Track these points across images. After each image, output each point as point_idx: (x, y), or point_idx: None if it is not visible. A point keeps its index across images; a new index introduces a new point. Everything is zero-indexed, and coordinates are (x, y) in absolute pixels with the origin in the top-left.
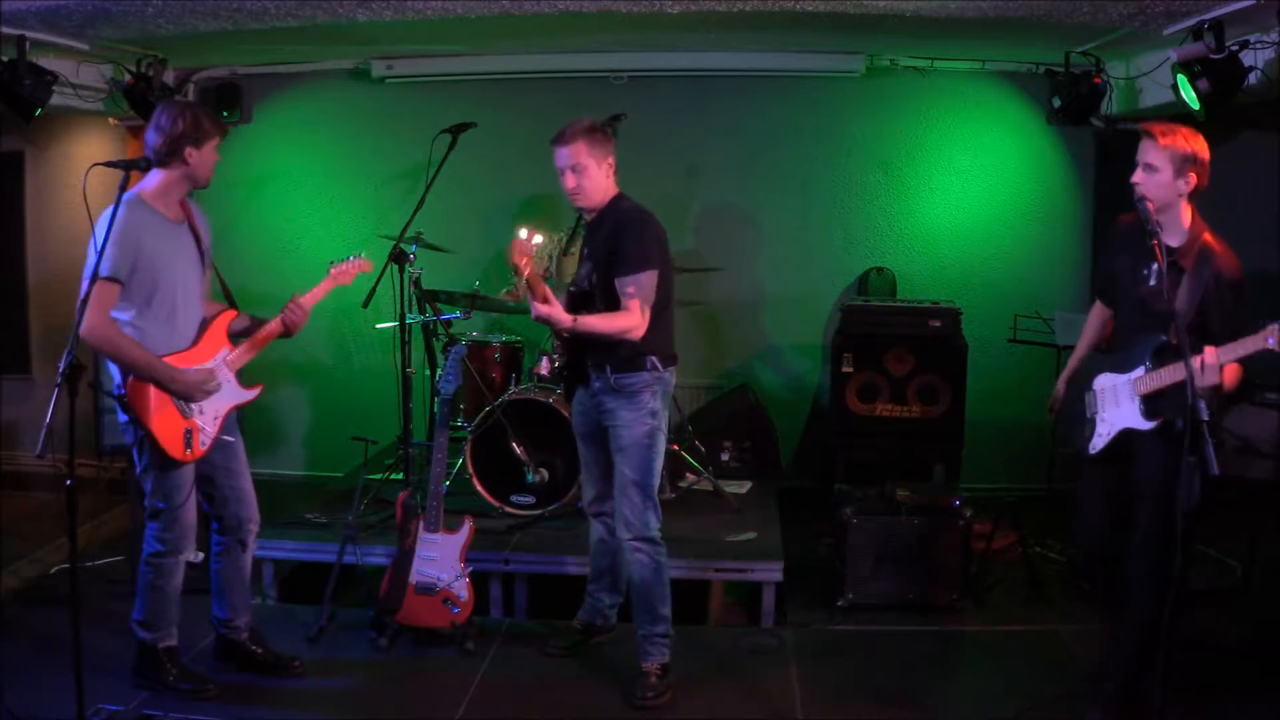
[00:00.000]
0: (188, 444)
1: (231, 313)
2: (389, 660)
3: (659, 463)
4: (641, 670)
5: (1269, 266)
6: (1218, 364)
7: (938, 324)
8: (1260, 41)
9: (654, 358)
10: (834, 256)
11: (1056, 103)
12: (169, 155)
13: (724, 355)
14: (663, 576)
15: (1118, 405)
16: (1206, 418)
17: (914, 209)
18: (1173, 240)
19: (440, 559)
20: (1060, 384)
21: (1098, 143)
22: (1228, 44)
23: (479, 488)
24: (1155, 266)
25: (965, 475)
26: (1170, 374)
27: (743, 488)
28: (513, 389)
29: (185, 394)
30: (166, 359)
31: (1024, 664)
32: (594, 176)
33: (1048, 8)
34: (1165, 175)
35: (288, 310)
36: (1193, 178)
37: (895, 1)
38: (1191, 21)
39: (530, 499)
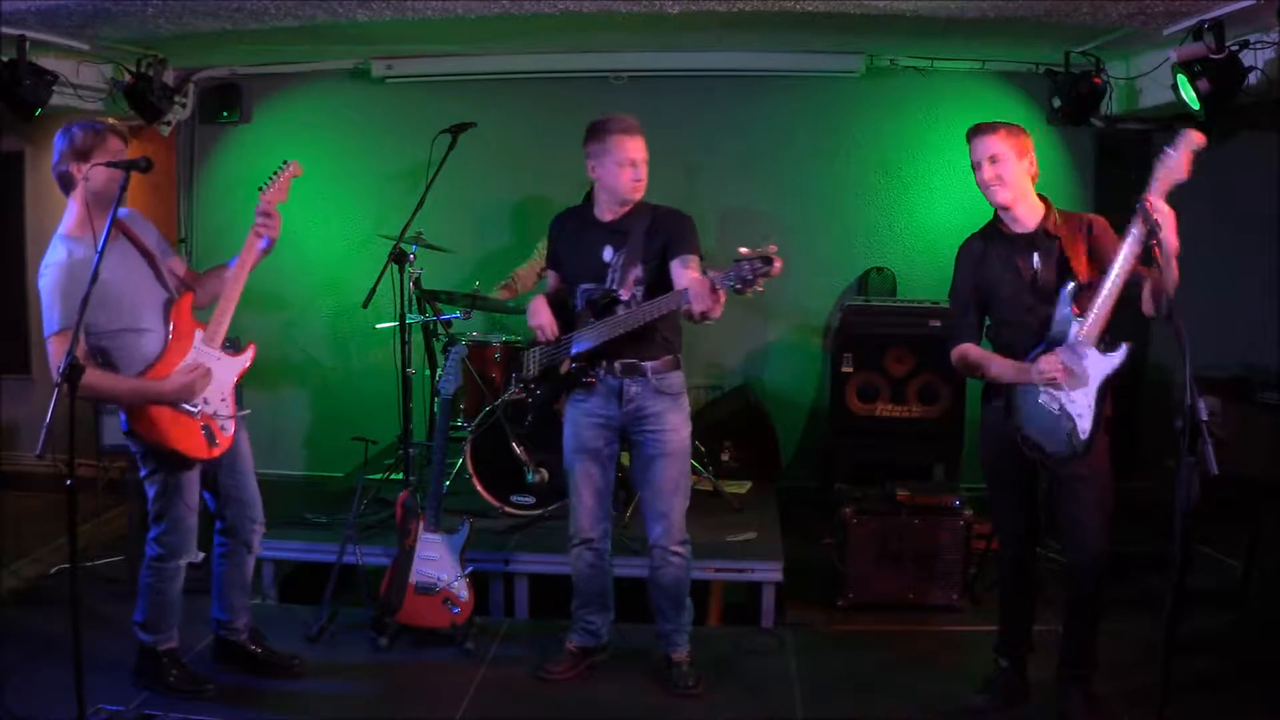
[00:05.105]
0: (211, 440)
1: (189, 296)
2: (389, 660)
3: None
4: (673, 660)
5: (1268, 266)
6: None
7: (938, 324)
8: (1260, 41)
9: (681, 356)
10: (834, 256)
11: (1056, 103)
12: (65, 183)
13: (724, 355)
14: (690, 572)
15: (1077, 372)
16: (1206, 417)
17: (914, 209)
18: (1032, 222)
19: (440, 559)
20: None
21: (1098, 143)
22: (1228, 44)
23: (479, 488)
24: (1036, 254)
25: (965, 475)
26: (1102, 302)
27: (743, 488)
28: (513, 389)
29: (182, 397)
30: (149, 375)
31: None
32: None
33: (1048, 8)
34: (1011, 162)
35: (260, 224)
36: (1032, 162)
37: (895, 1)
38: (1191, 21)
39: (530, 499)
